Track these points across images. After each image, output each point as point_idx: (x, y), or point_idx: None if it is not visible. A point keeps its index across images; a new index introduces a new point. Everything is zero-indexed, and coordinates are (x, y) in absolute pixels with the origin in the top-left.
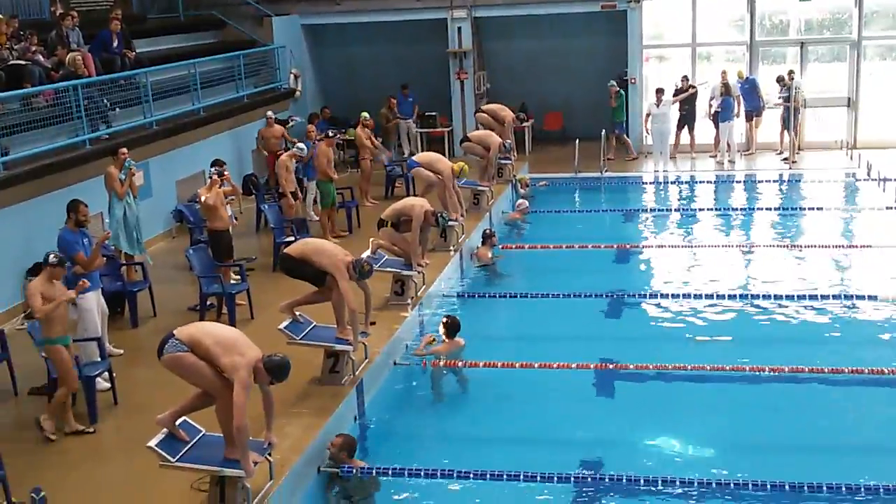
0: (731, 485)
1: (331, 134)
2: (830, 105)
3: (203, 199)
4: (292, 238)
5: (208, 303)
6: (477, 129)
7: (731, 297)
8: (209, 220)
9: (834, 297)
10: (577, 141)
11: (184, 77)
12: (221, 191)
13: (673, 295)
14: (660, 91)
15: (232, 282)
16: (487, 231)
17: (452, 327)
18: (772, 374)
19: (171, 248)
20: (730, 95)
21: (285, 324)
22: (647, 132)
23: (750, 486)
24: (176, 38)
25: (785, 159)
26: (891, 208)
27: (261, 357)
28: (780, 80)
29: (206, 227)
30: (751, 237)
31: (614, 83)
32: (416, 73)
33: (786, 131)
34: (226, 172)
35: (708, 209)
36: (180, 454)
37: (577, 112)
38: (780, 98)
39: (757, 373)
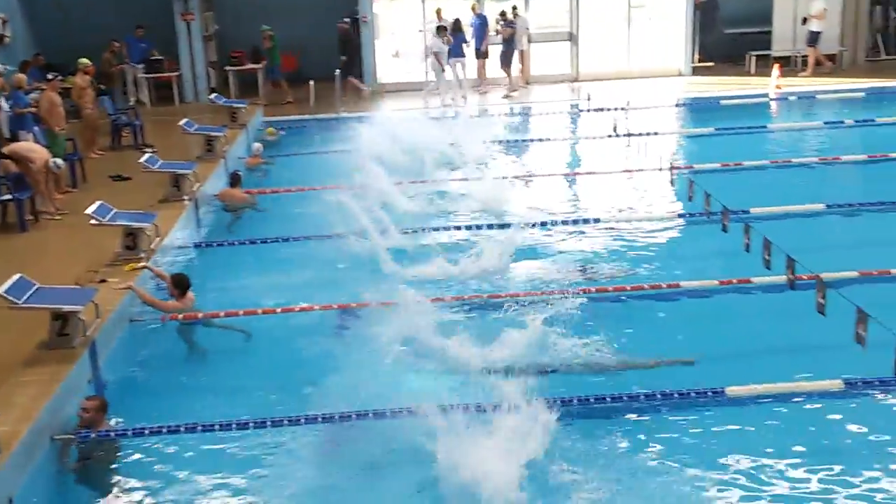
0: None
1: (50, 77)
2: (554, 40)
3: None
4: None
5: None
6: None
7: (469, 227)
8: None
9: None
10: (312, 82)
11: None
12: None
13: (413, 230)
14: (442, 28)
15: None
16: (237, 173)
17: (181, 284)
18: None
19: None
20: (461, 32)
21: (5, 288)
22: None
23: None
24: None
25: (506, 95)
26: (611, 136)
27: None
28: (502, 15)
29: None
30: (487, 169)
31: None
32: (137, 15)
33: (505, 67)
34: None
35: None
36: None
37: (312, 53)
38: (498, 33)
39: (515, 298)
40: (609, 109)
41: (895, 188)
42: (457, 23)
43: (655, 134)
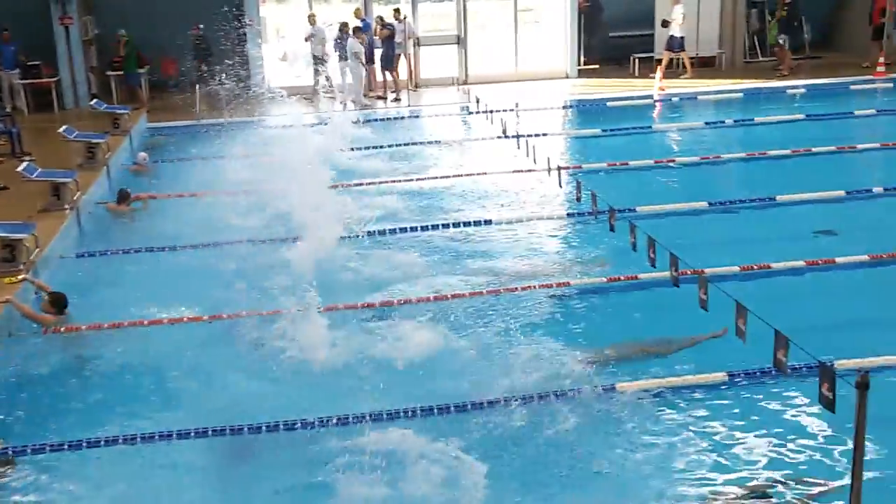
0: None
1: None
2: (442, 43)
3: None
4: None
5: None
6: None
7: (372, 233)
8: None
9: (474, 223)
10: (198, 86)
11: None
12: None
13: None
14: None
15: None
16: (125, 191)
17: (58, 304)
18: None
19: None
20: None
21: None
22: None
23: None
24: None
25: (390, 98)
26: (500, 137)
27: None
28: (380, 19)
29: None
30: (379, 174)
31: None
32: (10, 18)
33: (387, 71)
34: None
35: (336, 150)
36: None
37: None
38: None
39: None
40: (498, 111)
41: (773, 185)
42: (344, 26)
43: (544, 135)
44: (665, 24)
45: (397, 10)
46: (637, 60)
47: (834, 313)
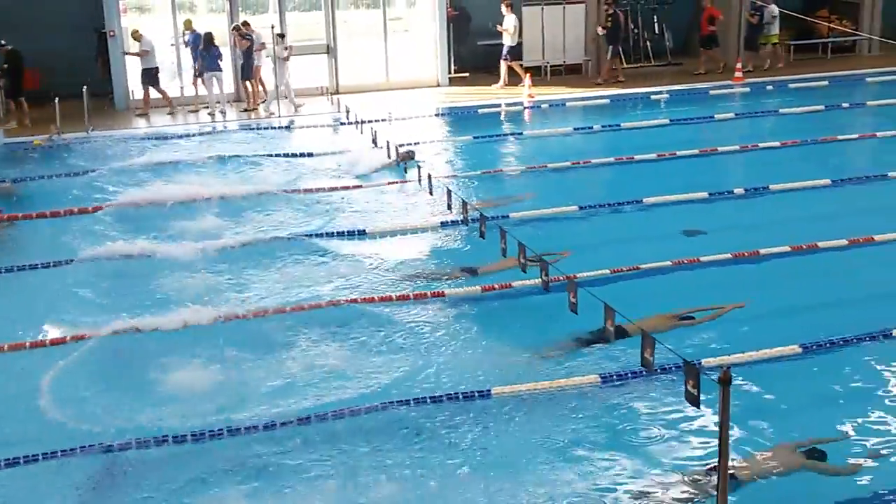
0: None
1: None
2: (312, 53)
3: None
4: None
5: None
6: None
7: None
8: None
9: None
10: (57, 100)
11: None
12: None
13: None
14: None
15: None
16: None
17: None
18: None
19: None
20: (215, 46)
21: None
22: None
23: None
24: None
25: (245, 110)
26: (372, 148)
27: None
28: (236, 28)
29: None
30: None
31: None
32: None
33: (247, 82)
34: None
35: (203, 161)
36: None
37: (56, 69)
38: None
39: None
40: (369, 121)
41: (641, 188)
42: (209, 36)
43: (417, 143)
44: (499, 31)
45: (246, 24)
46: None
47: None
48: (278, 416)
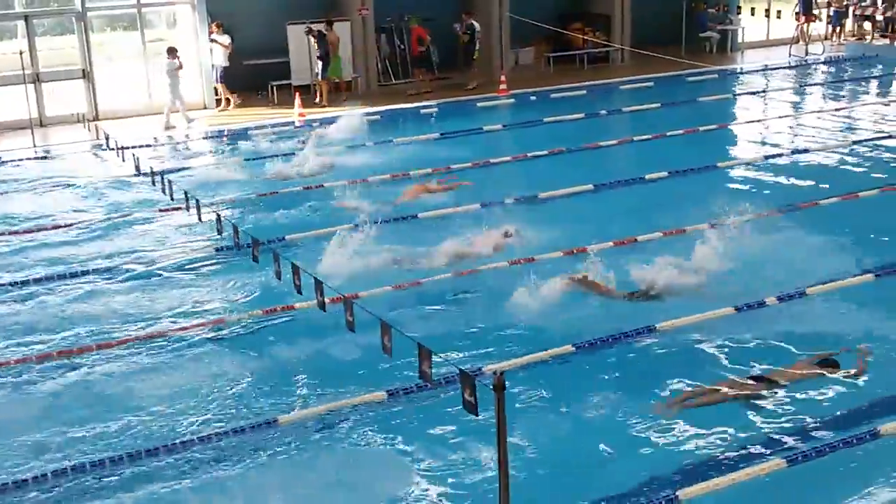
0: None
1: None
2: (66, 78)
3: None
4: None
5: None
6: None
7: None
8: None
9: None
10: None
11: None
12: None
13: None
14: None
15: None
16: None
17: None
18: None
19: None
20: None
21: None
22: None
23: None
24: None
25: None
26: (136, 175)
27: None
28: None
29: None
30: None
31: None
32: None
33: None
34: None
35: None
36: None
37: None
38: None
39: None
40: (130, 148)
41: (419, 204)
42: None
43: (186, 169)
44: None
45: None
46: (275, 88)
47: (481, 320)
48: None
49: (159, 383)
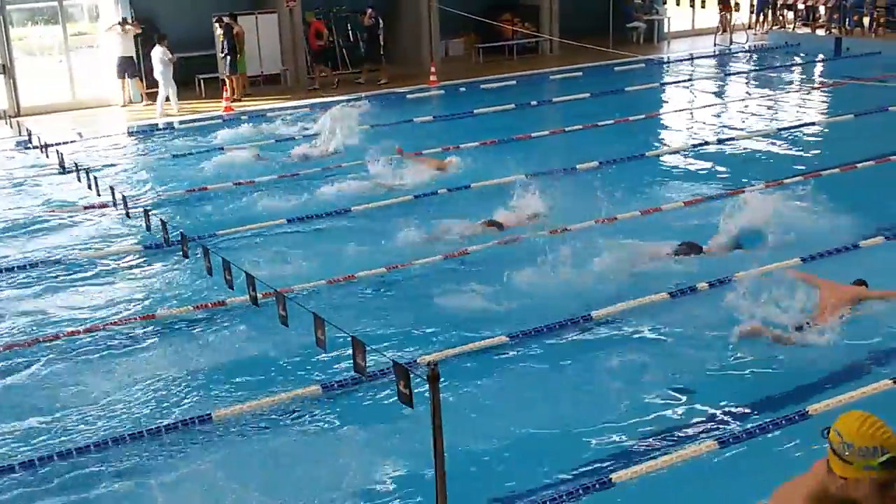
0: None
1: None
2: None
3: None
4: None
5: None
6: None
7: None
8: None
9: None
10: None
11: None
12: None
13: None
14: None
15: None
16: None
17: None
18: None
19: None
20: None
21: None
22: None
23: None
24: None
25: None
26: (63, 172)
27: None
28: None
29: None
30: None
31: None
32: None
33: None
34: None
35: None
36: None
37: None
38: None
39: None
40: (55, 144)
41: (346, 197)
42: None
43: (111, 166)
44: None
45: None
46: (202, 81)
47: (416, 311)
48: None
49: (87, 381)
